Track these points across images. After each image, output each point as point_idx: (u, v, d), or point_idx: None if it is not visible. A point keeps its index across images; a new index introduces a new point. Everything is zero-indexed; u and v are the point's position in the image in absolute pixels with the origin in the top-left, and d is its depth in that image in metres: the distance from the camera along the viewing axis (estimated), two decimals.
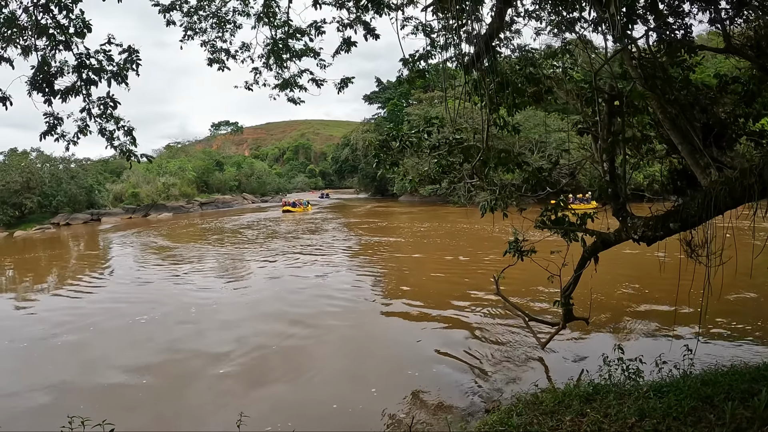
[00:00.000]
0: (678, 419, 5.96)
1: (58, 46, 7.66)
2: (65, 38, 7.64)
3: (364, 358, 14.53)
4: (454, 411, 10.73)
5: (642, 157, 8.98)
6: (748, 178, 5.24)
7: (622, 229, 7.47)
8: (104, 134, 8.27)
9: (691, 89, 8.06)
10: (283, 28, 11.14)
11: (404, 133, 9.25)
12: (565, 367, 12.58)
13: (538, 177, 8.15)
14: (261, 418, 10.22)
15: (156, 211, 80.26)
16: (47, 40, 7.57)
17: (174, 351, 15.43)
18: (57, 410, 10.67)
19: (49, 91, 7.66)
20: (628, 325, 15.91)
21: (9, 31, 7.42)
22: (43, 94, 7.64)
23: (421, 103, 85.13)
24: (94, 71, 7.88)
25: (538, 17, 10.96)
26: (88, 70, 7.83)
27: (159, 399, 12.25)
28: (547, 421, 6.56)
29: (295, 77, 11.49)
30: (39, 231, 60.29)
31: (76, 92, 7.86)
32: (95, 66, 7.87)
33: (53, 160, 71.07)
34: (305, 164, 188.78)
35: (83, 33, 7.70)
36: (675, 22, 8.49)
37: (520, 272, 12.06)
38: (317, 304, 20.04)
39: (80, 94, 7.92)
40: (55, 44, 7.62)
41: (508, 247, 9.62)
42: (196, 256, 34.78)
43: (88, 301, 22.81)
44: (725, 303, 16.76)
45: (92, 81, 7.88)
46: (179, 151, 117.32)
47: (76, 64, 7.76)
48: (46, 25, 7.50)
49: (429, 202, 75.31)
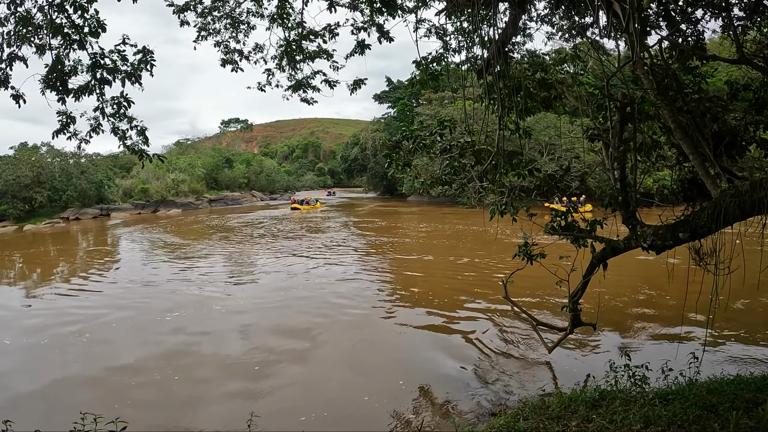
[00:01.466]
0: (682, 427, 5.99)
1: (73, 45, 7.72)
2: (80, 38, 7.70)
3: (371, 359, 14.57)
4: (461, 413, 10.78)
5: (652, 163, 9.00)
6: (758, 192, 5.27)
7: (632, 237, 7.49)
8: (117, 133, 8.34)
9: (703, 97, 8.08)
10: (297, 30, 11.20)
11: (418, 135, 9.29)
12: (571, 372, 12.60)
13: (550, 184, 8.19)
14: (268, 417, 10.27)
15: (165, 207, 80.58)
16: (62, 39, 7.63)
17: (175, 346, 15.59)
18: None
19: (63, 90, 7.73)
20: (635, 331, 15.89)
21: (24, 29, 7.50)
22: (57, 92, 7.71)
23: (431, 103, 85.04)
24: (108, 71, 7.93)
25: (551, 22, 11.01)
26: (103, 70, 7.90)
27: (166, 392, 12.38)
28: (553, 426, 6.60)
29: (308, 78, 11.57)
30: (48, 225, 60.67)
31: (89, 91, 7.93)
32: (109, 66, 7.93)
33: (63, 155, 71.50)
34: (314, 162, 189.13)
35: (97, 33, 7.75)
36: (688, 29, 8.51)
37: (529, 277, 12.07)
38: (322, 306, 20.08)
39: (94, 93, 7.99)
40: (69, 43, 7.68)
41: (517, 250, 9.66)
42: (203, 254, 34.98)
43: (98, 297, 23.01)
44: (734, 311, 16.78)
45: (106, 81, 7.94)
46: (189, 148, 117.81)
47: (91, 63, 7.82)
48: (60, 24, 7.56)
49: (438, 203, 75.29)
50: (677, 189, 8.43)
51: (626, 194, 7.46)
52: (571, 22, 10.33)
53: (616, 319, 16.90)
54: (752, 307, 17.40)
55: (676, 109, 7.32)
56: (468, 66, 10.65)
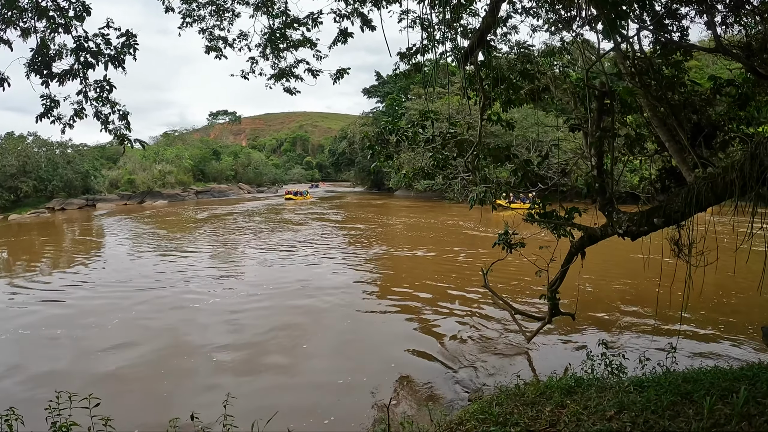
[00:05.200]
0: (656, 413, 6.02)
1: (58, 29, 7.70)
2: (65, 21, 7.67)
3: (352, 349, 14.60)
4: (438, 401, 10.86)
5: (633, 156, 9.06)
6: (729, 174, 5.31)
7: (608, 224, 7.55)
8: (99, 118, 8.32)
9: (684, 90, 8.13)
10: (281, 18, 11.17)
11: (400, 127, 9.30)
12: (549, 361, 12.70)
13: (526, 168, 8.22)
14: (250, 404, 10.26)
15: (152, 198, 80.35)
16: (47, 23, 7.60)
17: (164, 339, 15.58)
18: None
19: (47, 74, 7.69)
20: (614, 322, 16.05)
21: (9, 12, 7.46)
22: (41, 76, 7.67)
23: (420, 98, 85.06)
24: (92, 54, 7.90)
25: (536, 14, 11.03)
26: (86, 53, 7.87)
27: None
28: (528, 411, 6.64)
29: (292, 67, 11.55)
30: (34, 215, 60.31)
31: (73, 75, 7.89)
32: (93, 49, 7.90)
33: (50, 145, 71.10)
34: (302, 156, 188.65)
35: (82, 16, 7.73)
36: (671, 24, 8.56)
37: (509, 267, 12.15)
38: (308, 296, 20.13)
39: (77, 77, 7.95)
40: (54, 27, 7.65)
41: (497, 239, 9.70)
42: (188, 244, 34.86)
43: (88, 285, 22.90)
44: (717, 305, 16.98)
45: (90, 64, 7.90)
46: (176, 139, 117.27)
47: (75, 47, 7.79)
48: (45, 7, 7.53)
49: (424, 198, 75.49)
50: (655, 181, 8.47)
51: (603, 181, 7.52)
52: (556, 15, 10.36)
53: (595, 309, 17.05)
54: (736, 302, 17.63)
55: (653, 96, 7.38)
56: (452, 57, 10.66)
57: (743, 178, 5.20)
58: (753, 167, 5.09)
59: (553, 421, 6.19)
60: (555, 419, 6.27)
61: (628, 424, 5.76)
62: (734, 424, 5.35)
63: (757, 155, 5.09)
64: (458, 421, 6.70)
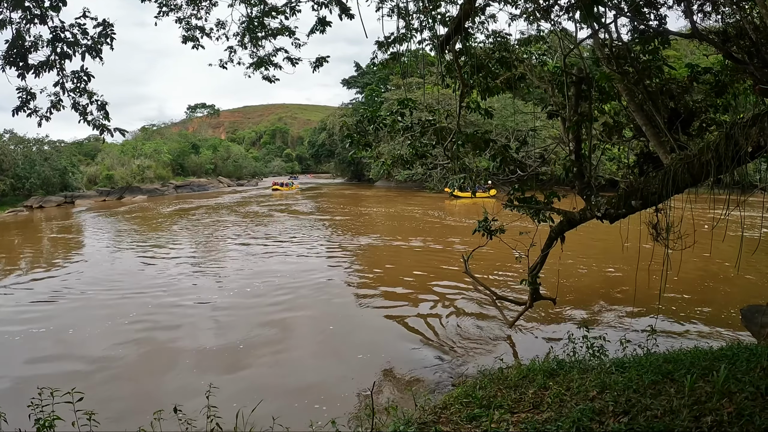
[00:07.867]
0: (638, 392, 6.11)
1: (33, 19, 7.59)
2: (41, 11, 7.57)
3: (335, 341, 14.63)
4: (423, 386, 10.92)
5: (611, 142, 9.16)
6: (705, 155, 5.39)
7: (587, 207, 7.64)
8: (77, 109, 8.22)
9: (661, 77, 8.22)
10: (259, 6, 11.09)
11: (378, 115, 9.31)
12: (531, 345, 12.83)
13: (505, 154, 8.27)
14: (234, 399, 10.24)
15: (131, 193, 79.47)
16: (22, 13, 7.49)
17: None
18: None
19: (23, 66, 7.59)
20: (594, 305, 16.24)
21: None
22: (17, 68, 7.57)
23: (399, 88, 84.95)
24: (69, 45, 7.81)
25: (514, 3, 11.05)
26: (63, 44, 7.78)
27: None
28: (511, 394, 6.72)
29: (270, 56, 11.48)
30: (11, 214, 59.30)
31: (50, 67, 7.80)
32: (70, 39, 7.81)
33: (26, 142, 69.82)
34: (282, 148, 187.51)
35: (58, 6, 7.62)
36: (649, 12, 8.64)
37: (489, 253, 12.21)
38: (290, 289, 20.06)
39: (54, 68, 7.85)
40: (30, 18, 7.55)
41: (477, 226, 9.75)
42: (168, 239, 34.60)
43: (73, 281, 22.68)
44: (697, 288, 17.23)
45: (66, 55, 7.80)
46: (155, 134, 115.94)
47: (51, 37, 7.69)
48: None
49: (405, 188, 75.67)
50: (633, 165, 8.57)
51: (581, 165, 7.60)
52: (534, 4, 10.39)
53: (576, 294, 17.23)
54: (718, 287, 17.90)
55: (630, 82, 7.45)
56: (431, 46, 10.66)
57: (719, 158, 5.28)
58: (728, 147, 5.17)
59: (536, 403, 6.26)
60: (538, 401, 6.34)
61: (611, 403, 5.83)
62: (715, 401, 5.43)
63: (732, 135, 5.17)
64: (442, 405, 6.74)
